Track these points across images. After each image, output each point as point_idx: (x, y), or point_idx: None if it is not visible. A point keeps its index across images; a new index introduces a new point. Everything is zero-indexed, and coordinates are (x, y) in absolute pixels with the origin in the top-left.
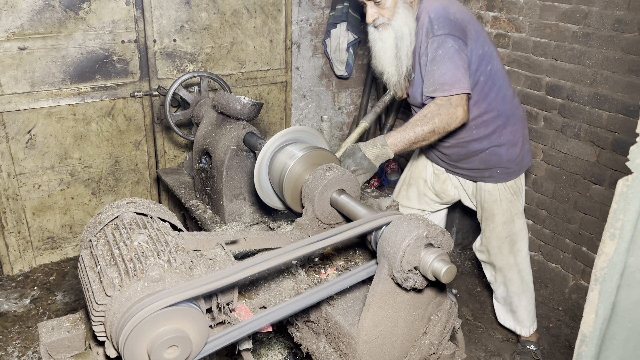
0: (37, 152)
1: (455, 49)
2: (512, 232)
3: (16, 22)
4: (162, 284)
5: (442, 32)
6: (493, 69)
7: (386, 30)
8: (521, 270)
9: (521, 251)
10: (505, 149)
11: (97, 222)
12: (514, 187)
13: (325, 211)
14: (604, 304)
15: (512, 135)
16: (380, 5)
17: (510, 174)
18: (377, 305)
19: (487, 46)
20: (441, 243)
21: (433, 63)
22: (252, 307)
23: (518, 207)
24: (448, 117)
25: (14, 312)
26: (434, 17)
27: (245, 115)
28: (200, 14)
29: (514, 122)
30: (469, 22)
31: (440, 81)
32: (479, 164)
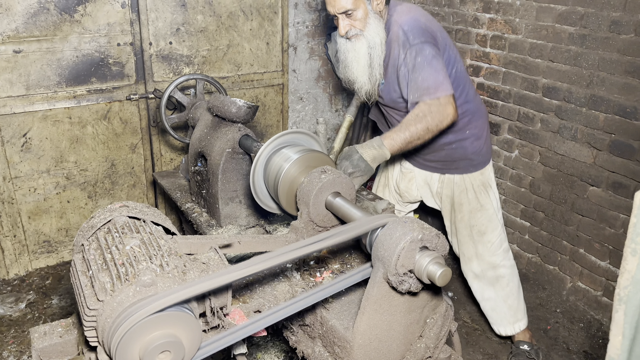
0: (33, 155)
1: (433, 55)
2: (479, 222)
3: (11, 25)
4: (154, 288)
5: (419, 41)
6: (457, 71)
7: (359, 41)
8: (494, 263)
9: (492, 243)
10: (470, 142)
11: (90, 226)
12: (481, 178)
13: (320, 214)
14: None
15: (476, 129)
16: (351, 17)
17: (476, 166)
18: (372, 309)
19: (451, 50)
20: (436, 246)
21: (414, 71)
22: (247, 311)
23: (486, 199)
24: (439, 115)
25: (9, 317)
26: (407, 29)
27: (241, 118)
28: (196, 16)
29: (477, 118)
30: (437, 30)
31: (424, 86)
32: (445, 157)
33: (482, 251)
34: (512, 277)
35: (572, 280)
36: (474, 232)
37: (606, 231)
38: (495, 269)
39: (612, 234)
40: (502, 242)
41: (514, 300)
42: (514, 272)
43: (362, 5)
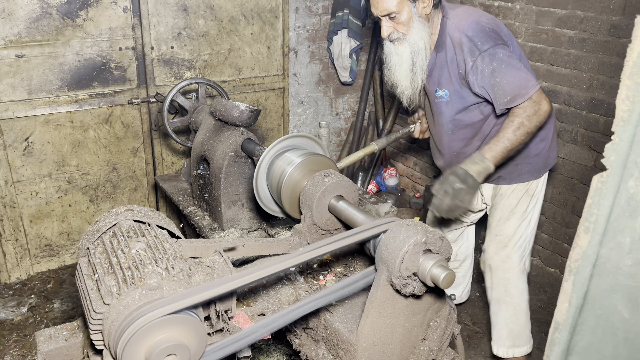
0: (35, 159)
1: (508, 55)
2: (503, 232)
3: (13, 29)
4: (160, 292)
5: (488, 46)
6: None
7: (402, 44)
8: (507, 280)
9: (511, 259)
10: (534, 143)
11: (95, 229)
12: (530, 186)
13: (323, 217)
14: (577, 294)
15: (542, 132)
16: (395, 19)
17: (537, 171)
18: (376, 312)
19: (518, 49)
20: (440, 249)
21: (494, 76)
22: (251, 315)
23: (522, 209)
24: (536, 115)
25: (11, 321)
26: (472, 35)
27: (243, 122)
28: (197, 21)
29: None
30: (501, 28)
31: (512, 89)
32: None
33: (498, 264)
34: (520, 301)
35: None
36: (494, 241)
37: None
38: (506, 286)
39: None
40: (519, 261)
41: (516, 325)
42: (523, 297)
43: (406, 9)
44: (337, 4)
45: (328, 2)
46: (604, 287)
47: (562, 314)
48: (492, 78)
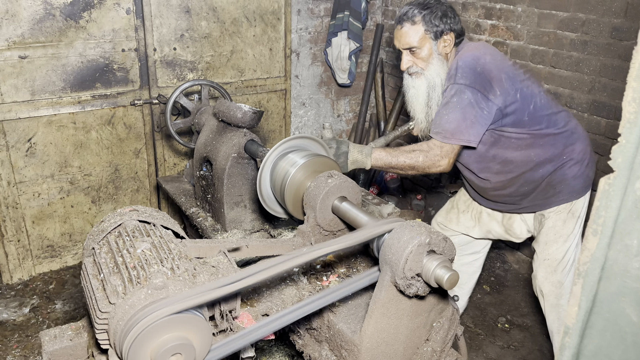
0: (37, 160)
1: (470, 102)
2: (552, 257)
3: (17, 31)
4: (165, 291)
5: (463, 82)
6: (537, 106)
7: (419, 79)
8: (560, 306)
9: (563, 285)
10: (569, 166)
11: (100, 230)
12: (573, 207)
13: (327, 218)
14: (586, 297)
15: (574, 154)
16: (415, 54)
17: (577, 192)
18: (379, 313)
19: (526, 87)
20: (443, 250)
21: (444, 107)
22: (255, 315)
23: (568, 231)
24: (432, 161)
25: (13, 321)
26: (461, 65)
27: (246, 123)
28: (200, 22)
29: (573, 141)
30: (500, 71)
31: (445, 126)
32: (546, 186)
33: (549, 291)
34: None
35: None
36: (542, 266)
37: None
38: (558, 314)
39: None
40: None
41: None
42: None
43: (427, 45)
44: (338, 6)
45: (330, 4)
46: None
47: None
48: (443, 107)
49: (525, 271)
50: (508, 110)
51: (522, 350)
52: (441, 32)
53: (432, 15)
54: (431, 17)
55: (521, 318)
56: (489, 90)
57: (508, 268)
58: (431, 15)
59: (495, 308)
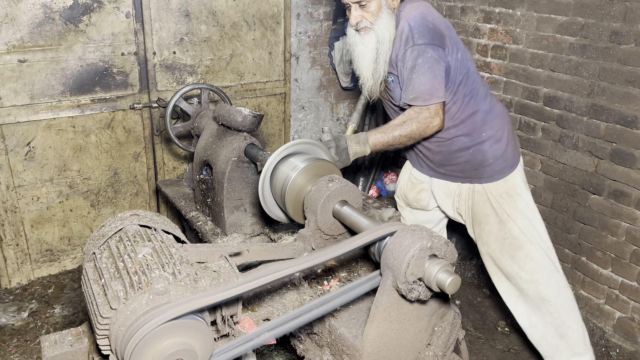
0: (36, 164)
1: (435, 59)
2: (510, 235)
3: (16, 34)
4: (167, 296)
5: (422, 42)
6: (469, 71)
7: (368, 34)
8: (536, 281)
9: (531, 259)
10: (489, 145)
11: (101, 234)
12: (506, 186)
13: (327, 222)
14: None
15: (493, 130)
16: (364, 8)
17: (500, 172)
18: (381, 317)
19: (462, 50)
20: (445, 254)
21: (413, 71)
22: (256, 320)
23: (513, 209)
24: (425, 125)
25: (11, 326)
26: (414, 26)
27: (246, 127)
28: (199, 26)
29: (493, 118)
30: (446, 28)
31: (420, 90)
32: (465, 164)
33: (518, 268)
34: (562, 300)
35: (574, 288)
36: (506, 245)
37: (608, 239)
38: (537, 289)
39: (614, 242)
40: (544, 258)
41: (567, 329)
42: (564, 295)
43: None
44: (339, 11)
45: (329, 8)
46: None
47: None
48: (410, 72)
49: None
50: (450, 68)
51: (522, 354)
52: None
53: None
54: None
55: None
56: (444, 44)
57: None
58: None
59: (495, 312)
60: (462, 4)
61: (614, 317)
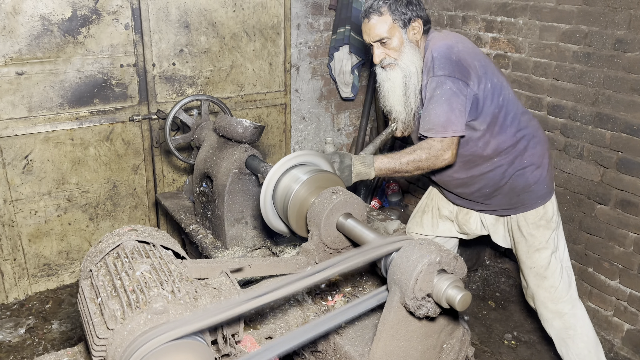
0: (34, 177)
1: (453, 92)
2: (537, 264)
3: (14, 47)
4: (166, 316)
5: (442, 73)
6: (505, 99)
7: (393, 70)
8: (560, 312)
9: (556, 288)
10: (530, 171)
11: (98, 251)
12: (543, 213)
13: (331, 236)
14: None
15: (535, 157)
16: (386, 45)
17: (540, 197)
18: (388, 335)
19: (496, 78)
20: (454, 268)
21: (430, 102)
22: (258, 338)
23: (545, 236)
24: (434, 156)
25: (8, 342)
26: (436, 57)
27: (247, 138)
28: (199, 37)
29: (534, 145)
30: (474, 59)
31: (435, 121)
32: (509, 192)
33: (544, 297)
34: (585, 329)
35: (582, 299)
36: (532, 273)
37: (615, 250)
38: (563, 319)
39: (622, 253)
40: (568, 288)
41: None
42: (586, 324)
43: (397, 34)
44: (339, 20)
45: (329, 18)
46: None
47: None
48: (428, 103)
49: None
50: (480, 98)
51: None
52: (409, 20)
53: (397, 3)
54: (397, 6)
55: (528, 334)
56: (467, 77)
57: (513, 283)
58: (397, 4)
59: (501, 324)
60: (464, 13)
61: (623, 330)
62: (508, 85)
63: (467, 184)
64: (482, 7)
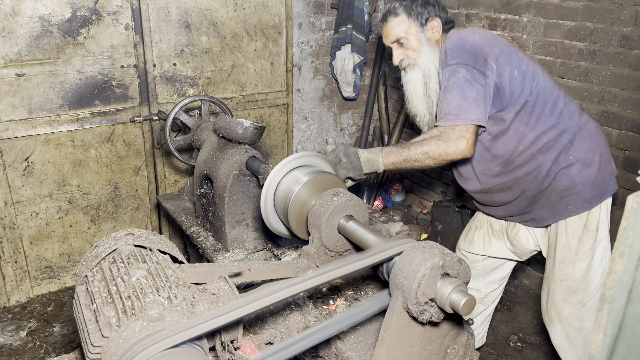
0: (35, 179)
1: (466, 79)
2: (570, 277)
3: (14, 48)
4: (162, 323)
5: (454, 62)
6: (540, 86)
7: (413, 71)
8: (585, 329)
9: (584, 305)
10: (577, 169)
11: (94, 255)
12: (587, 219)
13: (332, 238)
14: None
15: (583, 153)
16: (404, 46)
17: (587, 201)
18: (391, 340)
19: (526, 65)
20: (458, 272)
21: (443, 93)
22: (258, 344)
23: (586, 246)
24: (446, 146)
25: (9, 346)
26: (449, 48)
27: (248, 139)
28: (200, 37)
29: (582, 139)
30: (493, 47)
31: (446, 110)
32: (551, 194)
33: (569, 314)
34: None
35: None
36: (560, 288)
37: None
38: (585, 337)
39: None
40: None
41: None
42: None
43: (414, 33)
44: (340, 20)
45: (331, 17)
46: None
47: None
48: (442, 94)
49: (537, 287)
50: (505, 87)
51: None
52: (426, 19)
53: (413, 3)
54: (413, 6)
55: (533, 336)
56: (484, 66)
57: (519, 284)
58: (413, 4)
59: (506, 326)
60: (467, 10)
61: None
62: (544, 72)
63: (510, 187)
64: (485, 5)
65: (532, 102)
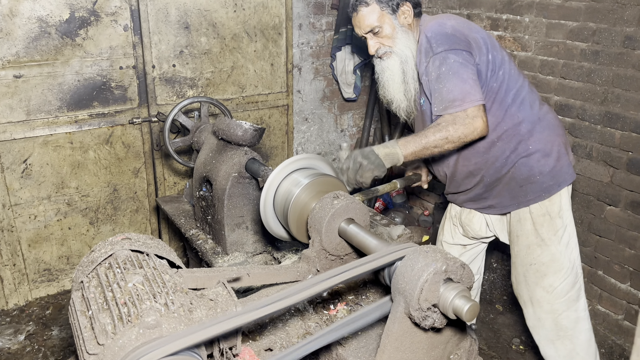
0: (33, 182)
1: (460, 63)
2: (538, 261)
3: (11, 49)
4: (158, 330)
5: (442, 49)
6: (506, 73)
7: (390, 58)
8: (555, 311)
9: (554, 288)
10: (536, 159)
11: (90, 260)
12: (548, 206)
13: (333, 242)
14: None
15: (541, 144)
16: (378, 34)
17: (546, 190)
18: (393, 347)
19: (496, 51)
20: (461, 277)
21: (438, 81)
22: (257, 350)
23: (549, 232)
24: (464, 127)
25: (7, 349)
26: (430, 36)
27: (247, 141)
28: (199, 38)
29: (541, 129)
30: (470, 30)
31: (450, 98)
32: (509, 183)
33: (540, 297)
34: (578, 332)
35: (591, 303)
36: (531, 271)
37: (626, 252)
38: (556, 320)
39: (633, 255)
40: (569, 289)
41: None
42: (581, 327)
43: (387, 21)
44: (341, 20)
45: (332, 18)
46: None
47: None
48: (436, 83)
49: None
50: (482, 71)
51: None
52: (397, 5)
53: None
54: None
55: None
56: (469, 47)
57: None
58: None
59: (508, 329)
60: (468, 11)
61: (634, 334)
62: (510, 60)
63: (472, 173)
64: (487, 5)
65: (496, 88)
